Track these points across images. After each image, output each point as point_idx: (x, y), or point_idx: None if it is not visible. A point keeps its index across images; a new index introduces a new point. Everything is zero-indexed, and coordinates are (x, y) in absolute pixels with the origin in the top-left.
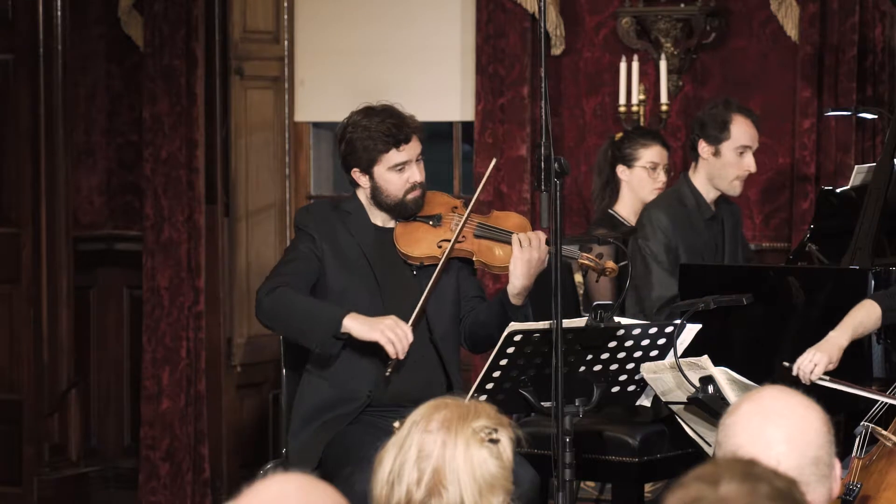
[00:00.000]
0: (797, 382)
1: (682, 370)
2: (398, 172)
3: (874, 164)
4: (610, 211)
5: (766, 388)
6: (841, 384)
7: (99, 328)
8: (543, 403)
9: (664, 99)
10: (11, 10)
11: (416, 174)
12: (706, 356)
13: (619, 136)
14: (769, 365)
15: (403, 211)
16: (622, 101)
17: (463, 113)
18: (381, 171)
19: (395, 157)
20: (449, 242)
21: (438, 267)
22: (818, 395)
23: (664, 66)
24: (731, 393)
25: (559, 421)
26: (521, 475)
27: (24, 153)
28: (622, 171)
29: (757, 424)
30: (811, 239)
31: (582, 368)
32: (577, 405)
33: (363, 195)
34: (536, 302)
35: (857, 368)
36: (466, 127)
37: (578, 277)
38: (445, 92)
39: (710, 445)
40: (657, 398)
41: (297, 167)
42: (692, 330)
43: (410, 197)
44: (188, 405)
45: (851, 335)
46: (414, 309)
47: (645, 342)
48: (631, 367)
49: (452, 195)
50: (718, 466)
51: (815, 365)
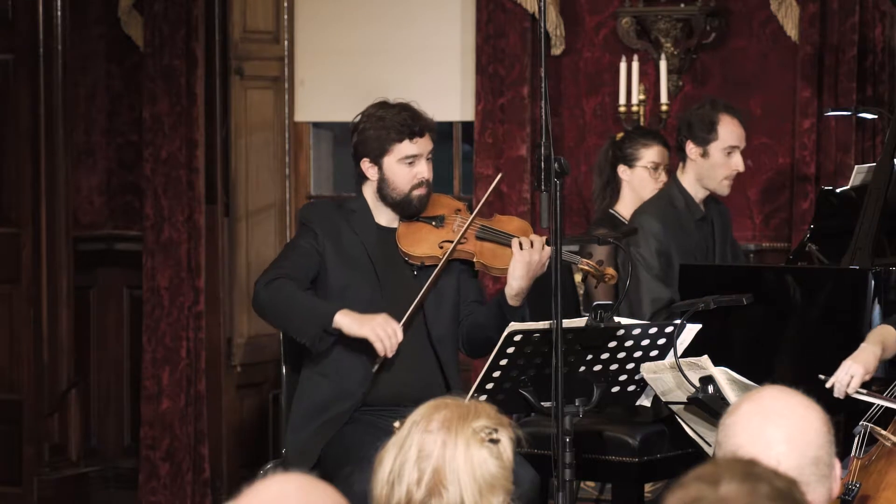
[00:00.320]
0: (797, 382)
1: (682, 370)
2: (408, 166)
3: (874, 164)
4: (611, 211)
5: (766, 388)
6: (879, 398)
7: (99, 328)
8: (543, 403)
9: (664, 99)
10: (11, 10)
11: (424, 170)
12: (706, 356)
13: (620, 135)
14: (769, 365)
15: (408, 208)
16: (622, 101)
17: (463, 113)
18: (391, 161)
19: (407, 148)
20: (450, 243)
21: (438, 266)
22: (818, 394)
23: (664, 66)
24: (731, 393)
25: (559, 421)
26: (521, 475)
27: (24, 153)
28: (623, 170)
29: (757, 424)
30: (811, 239)
31: (582, 368)
32: (577, 405)
33: (369, 190)
34: (536, 302)
35: None
36: (466, 127)
37: (578, 278)
38: (445, 92)
39: (710, 445)
40: (657, 398)
41: (297, 167)
42: (692, 330)
43: (416, 193)
44: (188, 405)
45: (882, 347)
46: (409, 319)
47: (645, 342)
48: (631, 367)
49: (453, 195)
50: (718, 466)
51: (851, 377)
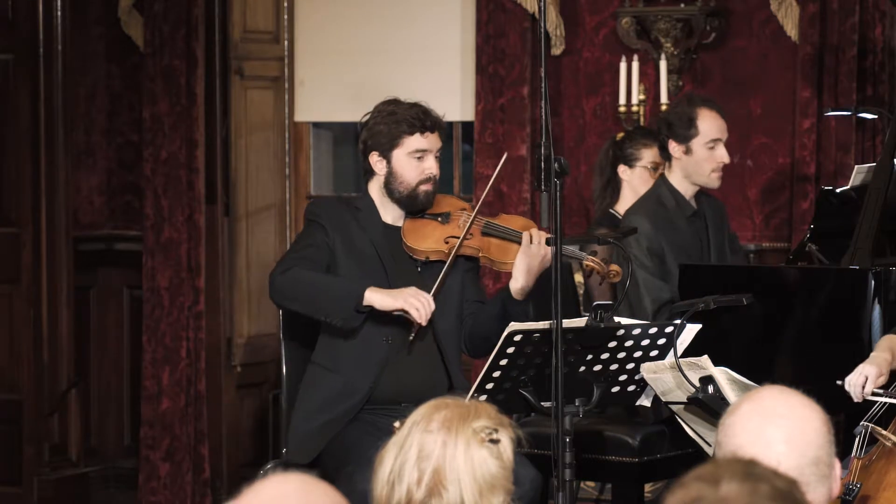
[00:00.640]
0: (797, 382)
1: (682, 370)
2: (417, 160)
3: (874, 164)
4: (611, 211)
5: (766, 388)
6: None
7: (99, 328)
8: (543, 403)
9: (664, 99)
10: (11, 10)
11: (433, 166)
12: (706, 356)
13: (620, 135)
14: (769, 365)
15: (414, 203)
16: (622, 101)
17: (463, 113)
18: (400, 154)
19: (417, 141)
20: (456, 239)
21: (451, 257)
22: (818, 394)
23: (664, 66)
24: (731, 393)
25: (559, 421)
26: (521, 475)
27: (24, 153)
28: (623, 170)
29: (757, 424)
30: (811, 239)
31: (582, 368)
32: (577, 405)
33: (376, 186)
34: (536, 302)
35: None
36: (466, 127)
37: (579, 277)
38: (445, 92)
39: (710, 445)
40: (657, 398)
41: (297, 167)
42: (692, 330)
43: (423, 189)
44: (188, 405)
45: (891, 353)
46: (437, 292)
47: (645, 342)
48: (631, 367)
49: (453, 195)
50: (719, 466)
51: (865, 378)
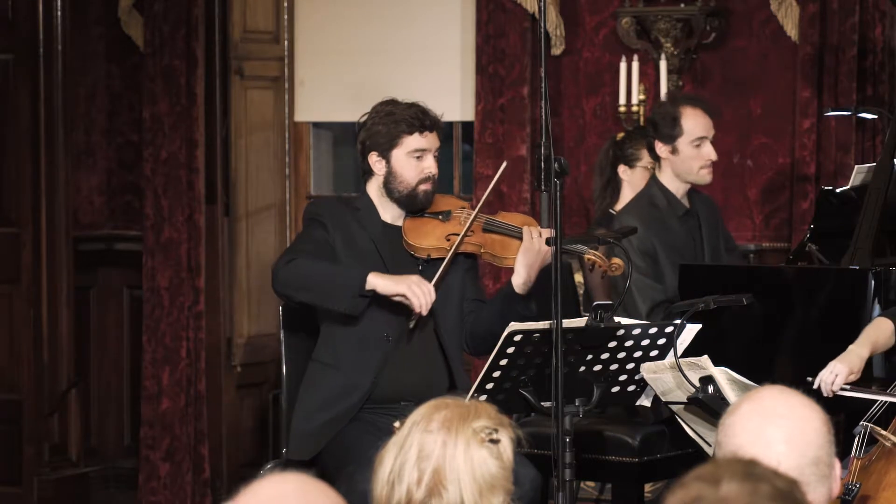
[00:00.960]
0: (797, 382)
1: (682, 370)
2: (416, 159)
3: (874, 164)
4: (611, 211)
5: (766, 388)
6: (863, 392)
7: (99, 328)
8: (543, 403)
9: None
10: (11, 10)
11: (432, 166)
12: (706, 356)
13: (620, 135)
14: (769, 365)
15: (413, 203)
16: (622, 101)
17: (463, 113)
18: (399, 154)
19: (416, 141)
20: (457, 236)
21: (450, 253)
22: (818, 395)
23: (664, 66)
24: (731, 393)
25: (559, 421)
26: (521, 475)
27: (24, 153)
28: (624, 170)
29: (757, 424)
30: (811, 239)
31: (582, 368)
32: (577, 405)
33: (374, 186)
34: (537, 302)
35: None
36: (466, 127)
37: (579, 277)
38: (445, 92)
39: (710, 445)
40: (657, 398)
41: (297, 167)
42: (692, 330)
43: (422, 188)
44: (188, 405)
45: (871, 348)
46: (438, 282)
47: (645, 342)
48: (631, 367)
49: (453, 195)
50: (719, 466)
51: (835, 375)
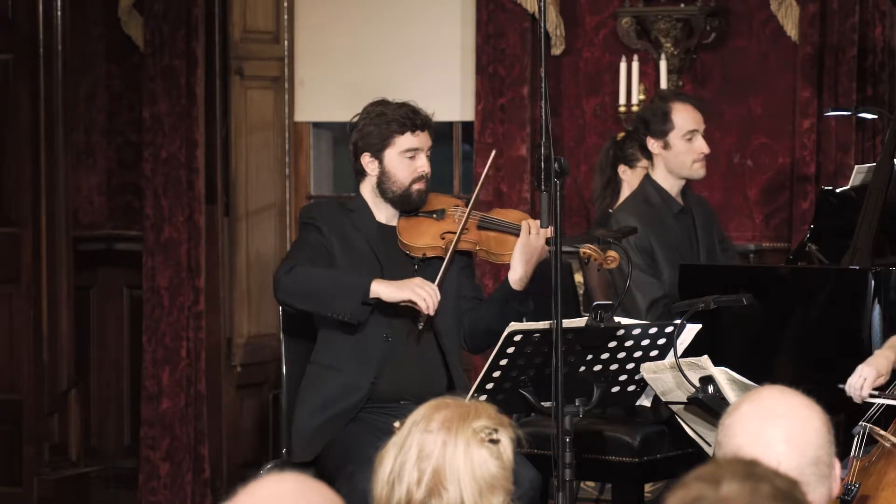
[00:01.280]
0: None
1: (682, 370)
2: (409, 159)
3: (874, 164)
4: (611, 211)
5: (766, 388)
6: (892, 398)
7: (99, 328)
8: (543, 403)
9: None
10: (11, 10)
11: (425, 165)
12: (706, 356)
13: (621, 135)
14: (769, 365)
15: (407, 202)
16: (622, 101)
17: (463, 113)
18: (392, 154)
19: (408, 140)
20: (453, 234)
21: (449, 252)
22: (818, 394)
23: (664, 66)
24: (731, 393)
25: (559, 421)
26: (521, 475)
27: (24, 153)
28: (624, 170)
29: (757, 424)
30: (811, 239)
31: (582, 368)
32: (577, 405)
33: (368, 187)
34: (537, 302)
35: None
36: (466, 127)
37: (579, 277)
38: (445, 92)
39: (710, 445)
40: (657, 398)
41: (297, 167)
42: (692, 330)
43: (416, 187)
44: (188, 405)
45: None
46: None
47: (645, 342)
48: (631, 367)
49: (453, 195)
50: (719, 466)
51: (864, 380)
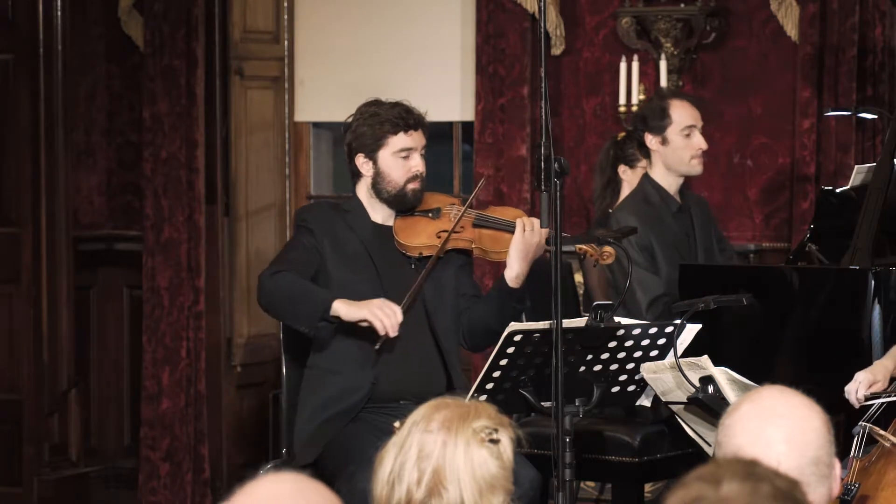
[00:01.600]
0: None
1: (682, 370)
2: (403, 159)
3: (874, 164)
4: (611, 211)
5: (766, 388)
6: (883, 396)
7: (99, 328)
8: (543, 403)
9: None
10: (11, 10)
11: (419, 164)
12: (706, 356)
13: (621, 135)
14: (769, 365)
15: (402, 202)
16: (622, 101)
17: (463, 113)
18: (386, 155)
19: (402, 140)
20: (447, 233)
21: (435, 253)
22: (818, 394)
23: (664, 66)
24: (731, 393)
25: (559, 421)
26: (521, 475)
27: (24, 153)
28: (624, 170)
29: (756, 425)
30: (811, 239)
31: (582, 368)
32: (577, 405)
33: (363, 188)
34: (537, 302)
35: (858, 368)
36: (466, 127)
37: (578, 277)
38: (445, 92)
39: (710, 445)
40: (657, 398)
41: (297, 167)
42: (692, 330)
43: (411, 187)
44: (188, 405)
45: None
46: (410, 300)
47: (645, 342)
48: (631, 367)
49: (453, 195)
50: (720, 466)
51: (858, 383)
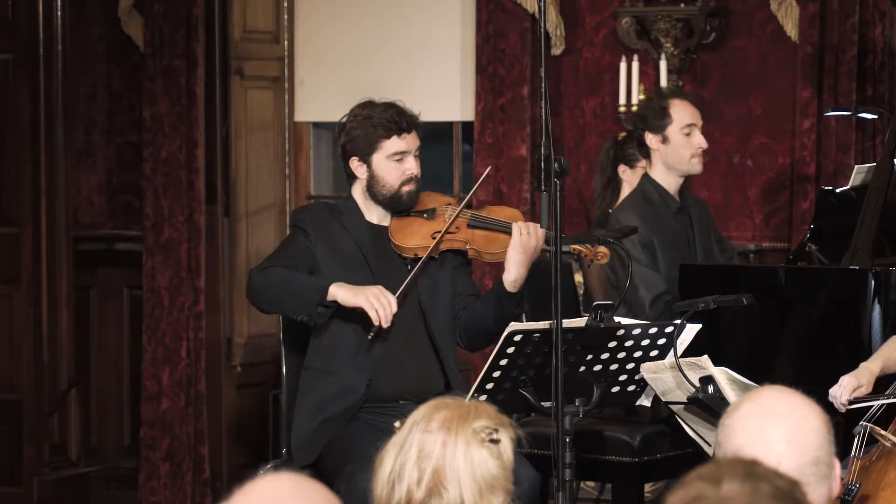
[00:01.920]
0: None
1: (682, 370)
2: (397, 162)
3: (874, 164)
4: (611, 211)
5: (766, 388)
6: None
7: (99, 328)
8: (543, 403)
9: None
10: (11, 10)
11: (413, 166)
12: (706, 356)
13: (622, 135)
14: (769, 365)
15: (398, 204)
16: (622, 101)
17: (463, 113)
18: (379, 158)
19: (395, 144)
20: (441, 233)
21: (427, 252)
22: (818, 395)
23: (664, 66)
24: (731, 393)
25: (559, 421)
26: (521, 475)
27: (24, 153)
28: (624, 170)
29: (756, 425)
30: (811, 239)
31: (582, 368)
32: (577, 405)
33: (359, 189)
34: (537, 302)
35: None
36: (466, 127)
37: (578, 278)
38: (445, 92)
39: (710, 445)
40: (657, 398)
41: (297, 167)
42: (692, 330)
43: (405, 189)
44: (188, 405)
45: (883, 363)
46: (404, 292)
47: (645, 342)
48: (631, 367)
49: (453, 195)
50: (720, 466)
51: (841, 388)
